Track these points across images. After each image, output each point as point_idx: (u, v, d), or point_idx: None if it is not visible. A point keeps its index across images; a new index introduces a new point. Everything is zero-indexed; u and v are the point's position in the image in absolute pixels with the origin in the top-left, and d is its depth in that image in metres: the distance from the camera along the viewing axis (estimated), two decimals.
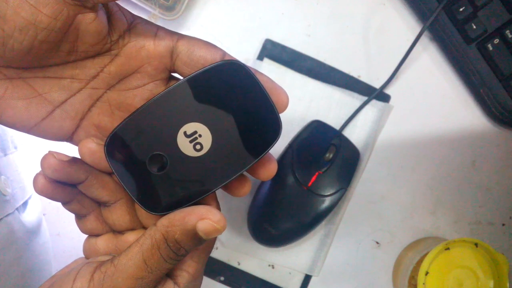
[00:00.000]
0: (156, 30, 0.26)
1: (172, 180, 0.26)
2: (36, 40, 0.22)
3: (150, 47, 0.26)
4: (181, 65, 0.26)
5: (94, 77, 0.26)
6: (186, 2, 0.42)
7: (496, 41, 0.41)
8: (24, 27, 0.22)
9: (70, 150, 0.28)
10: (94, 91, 0.27)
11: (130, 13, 0.26)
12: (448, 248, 0.38)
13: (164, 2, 0.42)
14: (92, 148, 0.26)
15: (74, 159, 0.27)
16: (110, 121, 0.27)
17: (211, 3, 0.45)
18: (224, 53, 0.26)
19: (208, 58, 0.26)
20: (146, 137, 0.25)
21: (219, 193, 0.28)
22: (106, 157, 0.25)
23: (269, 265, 0.44)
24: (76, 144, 0.27)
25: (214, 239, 0.28)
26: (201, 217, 0.24)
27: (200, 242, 0.25)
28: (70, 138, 0.28)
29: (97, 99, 0.27)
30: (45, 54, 0.24)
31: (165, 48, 0.26)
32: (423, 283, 0.38)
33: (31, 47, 0.23)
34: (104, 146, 0.25)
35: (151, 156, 0.25)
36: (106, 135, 0.26)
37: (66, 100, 0.26)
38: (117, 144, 0.25)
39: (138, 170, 0.25)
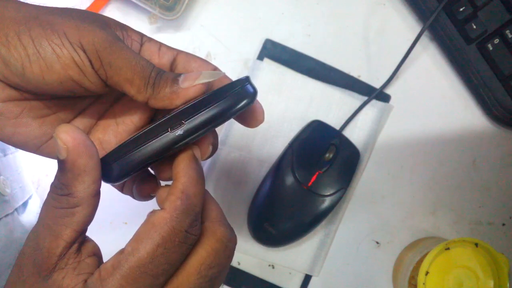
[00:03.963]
0: (159, 46, 0.28)
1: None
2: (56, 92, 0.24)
3: (156, 61, 0.27)
4: None
5: (104, 92, 0.27)
6: (186, 2, 0.42)
7: (496, 41, 0.41)
8: (47, 90, 0.23)
9: None
10: (102, 105, 0.28)
11: (139, 32, 0.27)
12: (448, 248, 0.38)
13: (164, 2, 0.42)
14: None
15: None
16: (114, 135, 0.28)
17: (211, 3, 0.45)
18: (215, 67, 0.28)
19: (202, 70, 0.27)
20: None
21: (218, 197, 0.27)
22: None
23: (269, 265, 0.44)
24: None
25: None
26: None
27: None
28: None
29: (104, 112, 0.29)
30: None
31: (168, 61, 0.27)
32: (423, 283, 0.38)
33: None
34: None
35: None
36: (108, 150, 0.25)
37: (76, 117, 0.28)
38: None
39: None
